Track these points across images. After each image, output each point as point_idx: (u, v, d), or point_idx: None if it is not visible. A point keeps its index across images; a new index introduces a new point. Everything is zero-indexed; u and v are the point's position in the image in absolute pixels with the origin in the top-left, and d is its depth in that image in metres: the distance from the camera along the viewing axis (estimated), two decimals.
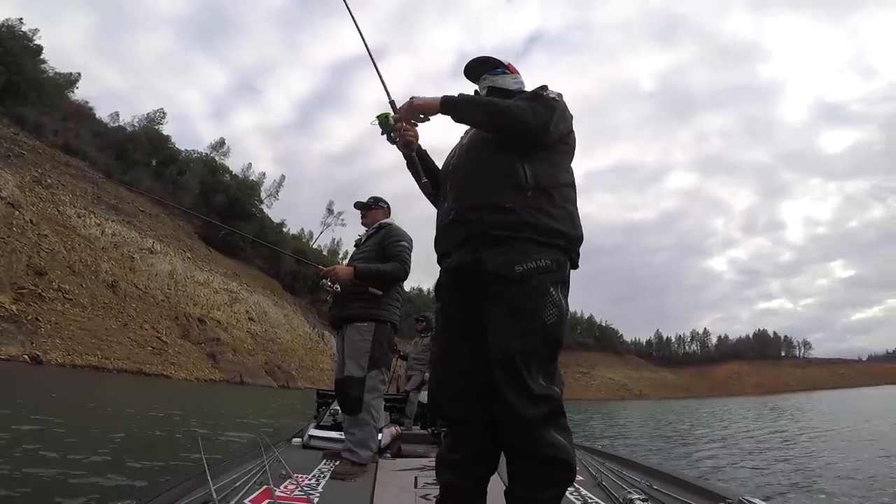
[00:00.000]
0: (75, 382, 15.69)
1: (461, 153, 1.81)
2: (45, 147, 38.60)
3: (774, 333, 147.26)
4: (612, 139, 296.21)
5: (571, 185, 1.74)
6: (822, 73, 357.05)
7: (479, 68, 1.96)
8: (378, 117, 1.90)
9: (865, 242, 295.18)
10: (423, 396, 5.94)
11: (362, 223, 3.58)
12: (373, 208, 3.55)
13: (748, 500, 1.89)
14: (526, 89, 1.91)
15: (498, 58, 1.95)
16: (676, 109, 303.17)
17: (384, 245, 3.27)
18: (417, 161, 1.96)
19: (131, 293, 33.47)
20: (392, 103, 1.92)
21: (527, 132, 1.65)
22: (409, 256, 3.27)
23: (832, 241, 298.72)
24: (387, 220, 3.47)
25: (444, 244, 1.78)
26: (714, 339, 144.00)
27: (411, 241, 3.34)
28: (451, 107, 1.70)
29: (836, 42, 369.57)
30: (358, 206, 3.61)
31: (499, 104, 1.66)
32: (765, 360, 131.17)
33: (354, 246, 3.58)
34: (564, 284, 1.63)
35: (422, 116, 1.79)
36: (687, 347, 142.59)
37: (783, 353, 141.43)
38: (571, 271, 1.68)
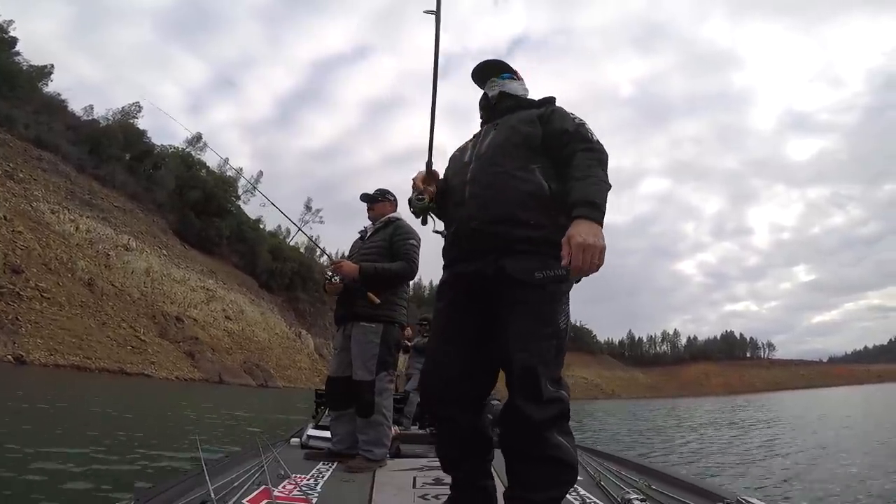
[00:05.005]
0: (62, 382, 15.58)
1: (483, 164, 1.75)
2: (16, 140, 37.48)
3: (741, 335, 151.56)
4: None
5: None
6: (793, 81, 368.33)
7: (487, 72, 1.97)
8: (417, 206, 1.88)
9: (826, 248, 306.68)
10: None
11: (369, 217, 3.44)
12: (380, 201, 3.41)
13: (746, 500, 1.88)
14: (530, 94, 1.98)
15: (507, 62, 1.98)
16: (653, 115, 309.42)
17: (393, 242, 3.18)
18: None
19: (108, 291, 32.94)
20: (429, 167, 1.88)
21: None
22: (418, 255, 3.18)
23: (795, 247, 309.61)
24: (395, 215, 3.34)
25: (459, 250, 1.75)
26: (683, 340, 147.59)
27: (420, 239, 3.22)
28: (601, 216, 1.50)
29: (808, 51, 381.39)
30: (364, 198, 3.46)
31: (607, 187, 1.59)
32: (731, 360, 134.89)
33: (359, 238, 3.47)
34: (567, 296, 1.67)
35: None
36: (658, 348, 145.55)
37: (748, 354, 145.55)
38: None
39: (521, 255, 1.60)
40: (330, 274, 3.23)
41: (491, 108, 1.95)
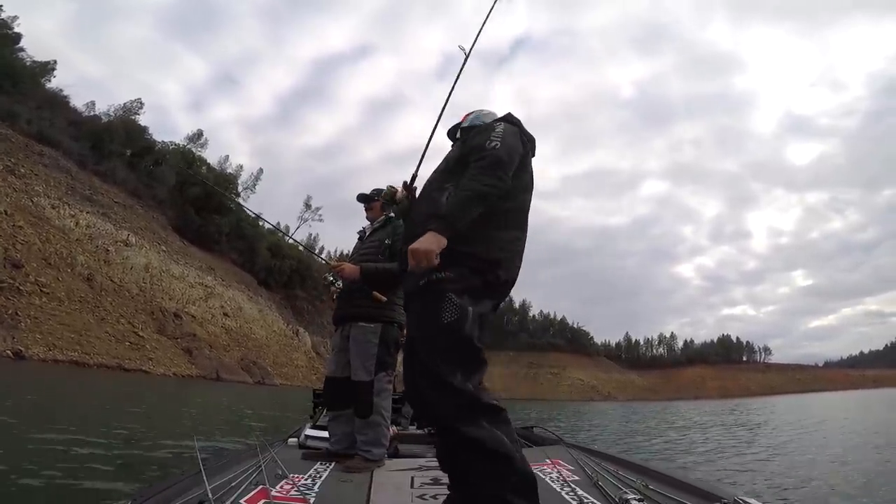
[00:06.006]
0: (61, 378, 15.65)
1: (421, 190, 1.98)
2: (18, 136, 37.62)
3: (737, 339, 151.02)
4: (590, 145, 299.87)
5: (502, 211, 1.79)
6: (794, 85, 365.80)
7: (453, 132, 2.24)
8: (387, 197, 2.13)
9: (824, 253, 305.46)
10: None
11: (367, 217, 3.45)
12: (377, 200, 3.37)
13: (744, 500, 1.88)
14: (485, 118, 2.11)
15: (454, 123, 2.25)
16: (653, 117, 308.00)
17: (392, 241, 3.18)
18: None
19: (107, 287, 33.06)
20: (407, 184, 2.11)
21: (501, 195, 1.77)
22: None
23: (794, 251, 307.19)
24: (392, 214, 3.31)
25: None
26: (680, 343, 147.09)
27: None
28: (449, 226, 1.68)
29: (809, 55, 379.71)
30: (361, 198, 3.44)
31: (472, 194, 1.71)
32: (728, 364, 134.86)
33: (358, 239, 3.47)
34: (473, 293, 1.73)
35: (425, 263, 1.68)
36: (654, 351, 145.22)
37: (745, 358, 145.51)
38: (502, 286, 1.83)
39: None
40: (331, 278, 3.23)
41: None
